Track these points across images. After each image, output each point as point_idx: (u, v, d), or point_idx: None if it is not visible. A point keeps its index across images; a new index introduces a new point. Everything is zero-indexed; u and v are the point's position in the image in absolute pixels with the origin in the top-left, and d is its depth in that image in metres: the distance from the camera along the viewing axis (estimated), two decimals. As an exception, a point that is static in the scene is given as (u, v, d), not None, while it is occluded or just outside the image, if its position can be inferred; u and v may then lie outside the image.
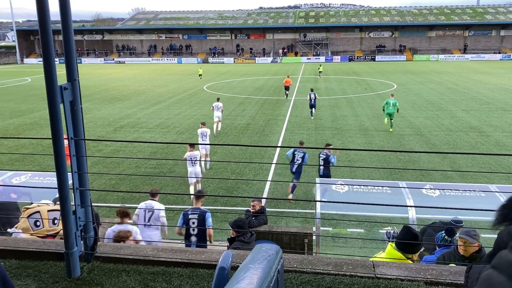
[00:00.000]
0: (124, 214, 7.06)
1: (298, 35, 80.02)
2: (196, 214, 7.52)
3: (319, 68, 48.02)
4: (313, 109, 24.81)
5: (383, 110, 21.13)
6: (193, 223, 7.43)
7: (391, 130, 20.88)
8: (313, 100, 24.58)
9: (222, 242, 8.10)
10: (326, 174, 12.44)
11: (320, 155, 12.54)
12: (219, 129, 20.90)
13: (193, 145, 13.02)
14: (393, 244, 4.71)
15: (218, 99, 21.82)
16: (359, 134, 20.34)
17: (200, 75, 47.33)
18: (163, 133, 21.15)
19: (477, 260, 4.89)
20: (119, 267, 3.68)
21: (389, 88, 36.57)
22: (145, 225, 7.79)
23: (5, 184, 8.77)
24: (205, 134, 15.56)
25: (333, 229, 10.80)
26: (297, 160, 12.62)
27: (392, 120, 20.95)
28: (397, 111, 21.18)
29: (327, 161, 12.20)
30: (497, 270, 1.27)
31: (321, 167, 12.35)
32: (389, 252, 4.65)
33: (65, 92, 3.35)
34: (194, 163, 12.80)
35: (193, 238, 7.50)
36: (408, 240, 4.54)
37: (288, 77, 33.12)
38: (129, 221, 7.10)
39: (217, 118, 20.75)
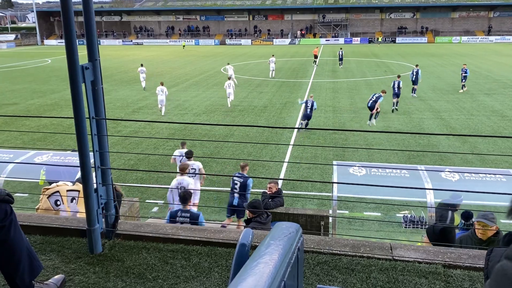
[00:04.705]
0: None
1: (317, 16, 78.70)
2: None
3: (378, 40, 69.59)
4: (341, 61, 38.84)
5: None
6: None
7: None
8: (341, 56, 38.85)
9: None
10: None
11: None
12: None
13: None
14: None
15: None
16: (378, 118, 20.09)
17: (183, 46, 64.36)
18: (181, 115, 21.27)
19: (495, 244, 4.85)
20: (140, 244, 3.76)
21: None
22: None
23: (27, 162, 9.01)
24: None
25: (350, 212, 10.80)
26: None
27: None
28: None
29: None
30: None
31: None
32: None
33: (86, 71, 3.38)
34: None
35: None
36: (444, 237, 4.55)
37: (316, 47, 44.51)
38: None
39: None
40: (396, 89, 21.63)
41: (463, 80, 26.16)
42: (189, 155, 10.41)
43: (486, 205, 8.09)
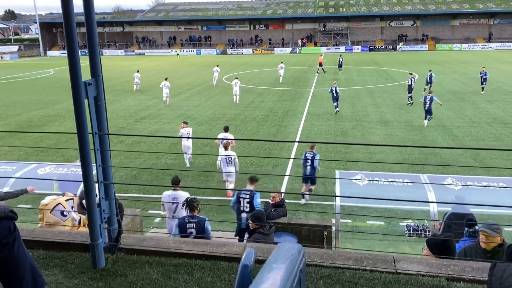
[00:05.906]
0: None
1: (317, 25, 79.09)
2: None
3: (400, 46, 70.65)
4: (341, 67, 40.61)
5: None
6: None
7: None
8: (340, 62, 40.74)
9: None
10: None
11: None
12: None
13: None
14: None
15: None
16: (379, 126, 20.11)
17: (178, 54, 70.00)
18: (183, 125, 21.31)
19: (500, 254, 4.82)
20: (142, 258, 3.76)
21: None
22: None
23: (30, 177, 9.00)
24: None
25: (353, 221, 10.77)
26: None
27: None
28: None
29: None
30: None
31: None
32: None
33: (89, 87, 3.41)
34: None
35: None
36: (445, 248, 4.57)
37: (321, 55, 45.99)
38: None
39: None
40: (412, 85, 25.16)
41: (484, 83, 27.74)
42: (226, 129, 13.90)
43: (490, 214, 8.05)
